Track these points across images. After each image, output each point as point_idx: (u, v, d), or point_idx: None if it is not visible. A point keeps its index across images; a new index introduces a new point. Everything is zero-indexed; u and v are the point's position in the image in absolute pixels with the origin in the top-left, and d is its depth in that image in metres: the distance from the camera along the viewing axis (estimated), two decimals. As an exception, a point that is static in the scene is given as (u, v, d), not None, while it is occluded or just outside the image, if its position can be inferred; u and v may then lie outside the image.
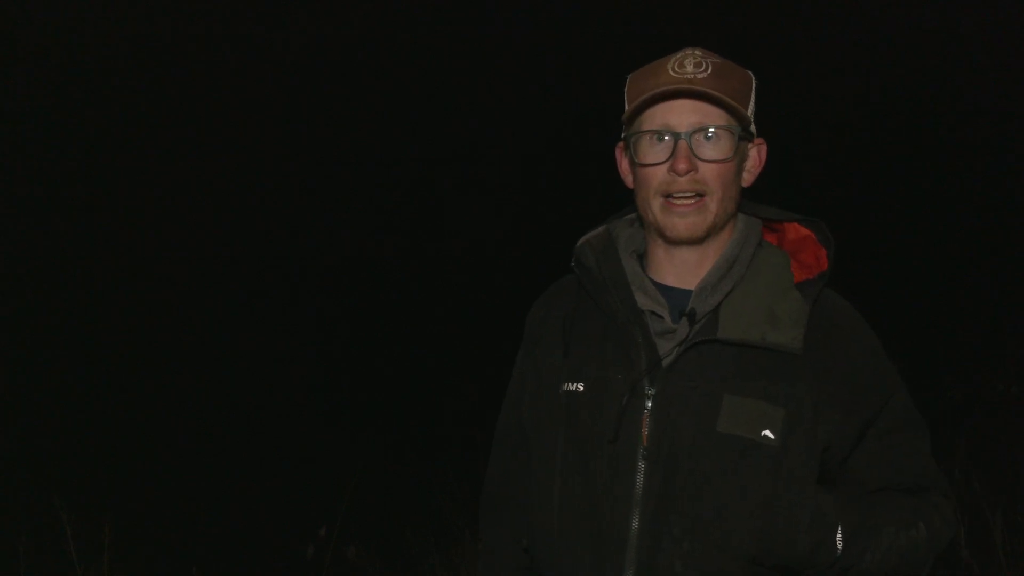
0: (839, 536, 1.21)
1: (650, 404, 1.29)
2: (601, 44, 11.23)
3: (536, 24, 11.56)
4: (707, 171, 1.28)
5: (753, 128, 1.34)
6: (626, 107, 1.34)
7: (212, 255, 10.04)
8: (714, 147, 1.28)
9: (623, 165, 1.41)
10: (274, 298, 10.03)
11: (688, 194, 1.29)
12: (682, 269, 1.36)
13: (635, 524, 1.27)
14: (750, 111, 1.32)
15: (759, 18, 10.23)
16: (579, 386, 1.36)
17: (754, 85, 1.34)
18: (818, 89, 9.67)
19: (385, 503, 4.97)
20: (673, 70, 1.28)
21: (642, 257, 1.43)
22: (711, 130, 1.28)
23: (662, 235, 1.33)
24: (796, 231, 1.40)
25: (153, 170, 10.62)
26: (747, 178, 1.37)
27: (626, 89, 1.35)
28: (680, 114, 1.28)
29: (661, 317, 1.34)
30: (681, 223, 1.30)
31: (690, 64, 1.28)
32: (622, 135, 1.38)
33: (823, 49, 10.19)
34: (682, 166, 1.27)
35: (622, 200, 1.49)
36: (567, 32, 11.64)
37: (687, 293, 1.35)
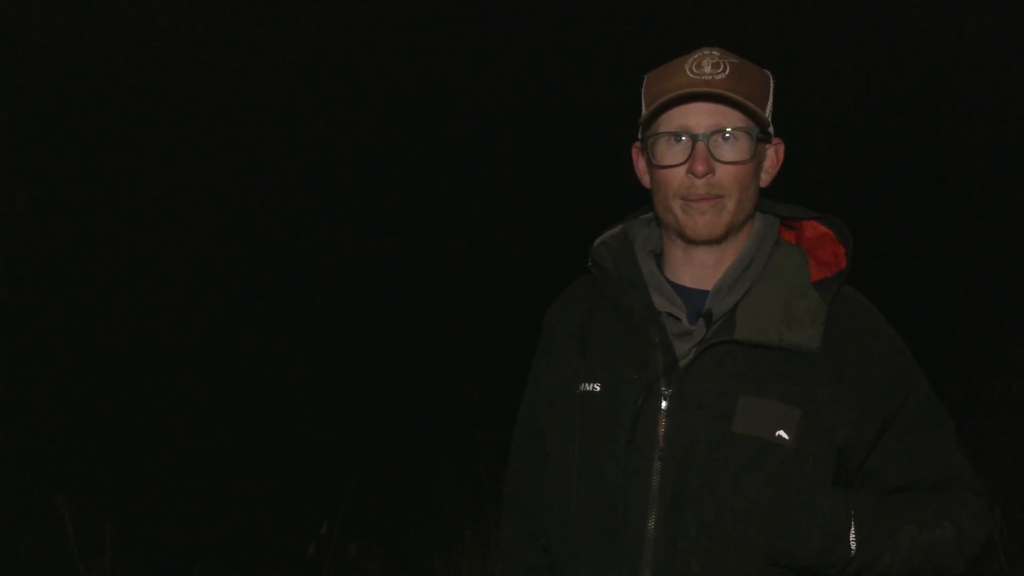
0: (852, 536, 1.19)
1: (666, 405, 1.29)
2: (601, 44, 11.23)
3: (536, 24, 11.56)
4: (725, 173, 1.28)
5: (771, 128, 1.33)
6: (643, 107, 1.33)
7: (212, 255, 10.03)
8: (732, 148, 1.28)
9: (640, 166, 1.40)
10: (274, 298, 10.02)
11: (705, 197, 1.29)
12: (700, 270, 1.35)
13: (651, 524, 1.27)
14: (768, 111, 1.32)
15: (759, 18, 10.23)
16: (595, 386, 1.35)
17: (772, 85, 1.33)
18: (818, 89, 9.66)
19: (385, 503, 4.97)
20: (691, 71, 1.27)
21: (659, 257, 1.42)
22: (729, 131, 1.27)
23: (682, 235, 1.32)
24: (814, 229, 1.40)
25: (153, 170, 10.61)
26: (765, 179, 1.36)
27: (643, 89, 1.34)
28: (698, 116, 1.27)
29: (678, 319, 1.33)
30: (701, 220, 1.29)
31: (708, 65, 1.27)
32: (639, 135, 1.37)
33: (823, 49, 10.19)
34: (700, 168, 1.26)
35: (622, 200, 1.49)
36: (567, 32, 11.64)
37: (704, 294, 1.34)
